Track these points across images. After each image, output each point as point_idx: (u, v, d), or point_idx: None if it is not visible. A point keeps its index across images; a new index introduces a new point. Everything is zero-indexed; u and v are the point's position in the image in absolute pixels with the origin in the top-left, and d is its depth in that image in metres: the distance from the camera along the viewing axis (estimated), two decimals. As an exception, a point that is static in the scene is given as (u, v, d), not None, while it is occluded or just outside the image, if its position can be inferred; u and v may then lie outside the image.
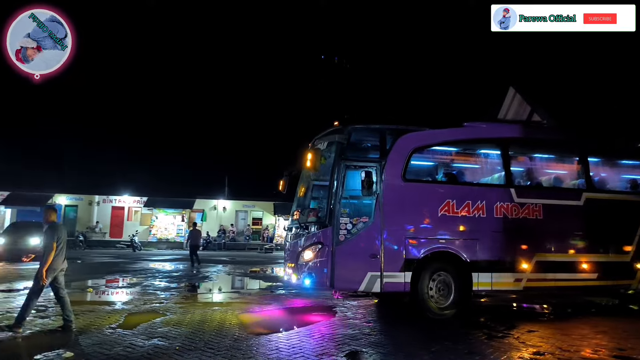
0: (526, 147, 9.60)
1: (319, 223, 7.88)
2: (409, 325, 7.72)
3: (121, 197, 35.24)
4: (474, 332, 7.05)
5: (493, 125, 9.60)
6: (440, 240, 8.14)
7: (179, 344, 5.91)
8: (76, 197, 34.77)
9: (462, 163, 9.44)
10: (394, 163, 8.03)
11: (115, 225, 34.89)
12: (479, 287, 8.15)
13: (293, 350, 5.67)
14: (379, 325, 7.58)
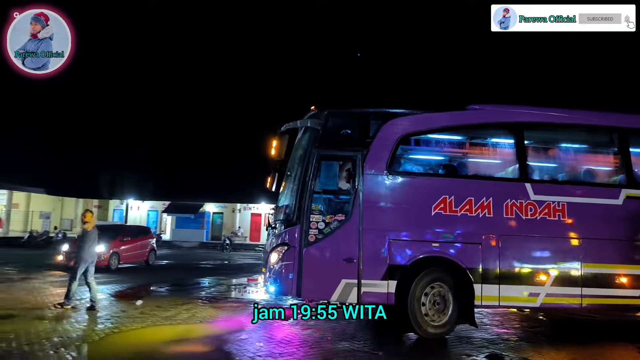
0: (547, 134, 8.03)
1: (286, 221, 6.89)
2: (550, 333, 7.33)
3: (258, 205, 38.05)
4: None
5: (505, 107, 7.78)
6: (433, 244, 6.86)
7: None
8: (222, 205, 38.93)
9: (463, 153, 7.95)
10: (377, 152, 6.88)
11: (254, 230, 38.01)
12: (483, 302, 6.75)
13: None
14: (519, 332, 7.40)
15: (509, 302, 6.98)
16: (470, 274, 6.69)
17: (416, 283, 6.65)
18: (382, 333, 7.28)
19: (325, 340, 6.54)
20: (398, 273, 6.61)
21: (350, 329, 7.25)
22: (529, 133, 7.50)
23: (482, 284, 6.69)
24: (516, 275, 6.86)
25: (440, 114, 7.37)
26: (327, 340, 6.54)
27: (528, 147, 7.41)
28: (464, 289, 6.73)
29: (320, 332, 6.98)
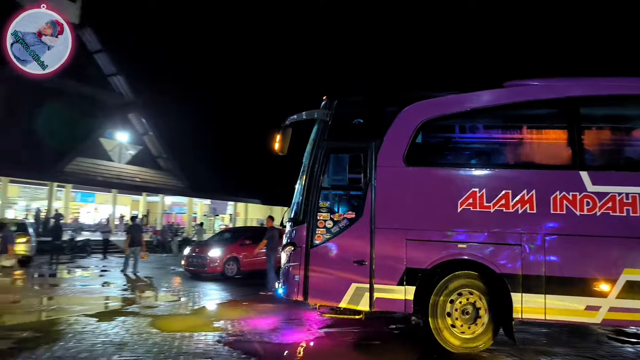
0: (611, 110, 6.57)
1: (293, 220, 6.39)
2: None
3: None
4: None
5: (553, 81, 6.48)
6: (459, 244, 5.94)
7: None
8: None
9: (497, 139, 6.85)
10: (393, 142, 6.16)
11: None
12: (523, 315, 5.70)
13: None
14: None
15: (558, 316, 5.73)
16: (506, 280, 5.73)
17: (440, 288, 5.88)
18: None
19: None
20: (417, 277, 5.85)
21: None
22: (587, 110, 6.20)
23: (522, 292, 5.68)
24: (568, 283, 5.67)
25: (469, 95, 6.33)
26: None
27: (584, 128, 6.16)
28: (500, 297, 5.79)
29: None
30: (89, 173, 27.38)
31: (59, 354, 5.14)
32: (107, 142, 29.43)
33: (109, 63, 29.94)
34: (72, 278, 13.04)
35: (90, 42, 30.09)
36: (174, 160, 32.52)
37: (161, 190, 32.41)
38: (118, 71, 30.14)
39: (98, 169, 28.23)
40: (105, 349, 5.44)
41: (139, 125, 31.56)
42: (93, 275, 13.33)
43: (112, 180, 28.75)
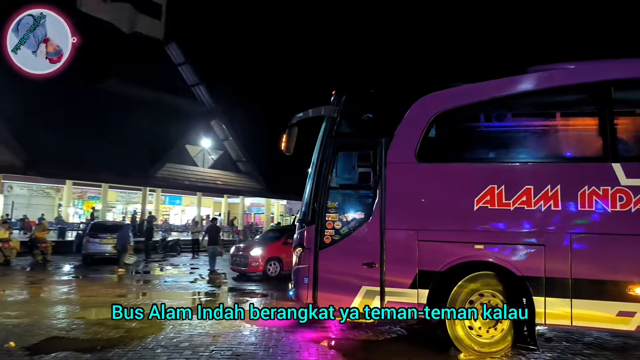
0: None
1: (302, 221, 6.17)
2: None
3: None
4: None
5: (584, 64, 5.82)
6: (475, 245, 5.50)
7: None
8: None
9: (517, 130, 6.27)
10: (404, 137, 5.80)
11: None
12: (547, 320, 5.24)
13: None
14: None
15: (587, 323, 5.18)
16: (528, 283, 5.27)
17: (457, 290, 5.50)
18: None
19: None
20: (430, 280, 5.50)
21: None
22: (620, 94, 5.53)
23: (546, 297, 5.22)
24: (598, 287, 5.14)
25: (488, 83, 5.86)
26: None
27: (617, 114, 5.51)
28: (522, 301, 5.35)
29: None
30: (177, 178, 29.47)
31: (164, 343, 5.70)
32: (192, 148, 31.50)
33: (192, 74, 32.04)
34: (165, 275, 14.18)
35: (174, 55, 32.40)
36: (252, 163, 34.00)
37: (241, 192, 34.05)
38: (200, 81, 32.15)
39: (185, 173, 30.29)
40: (202, 340, 5.93)
41: (220, 131, 33.36)
42: (183, 272, 14.37)
43: (197, 183, 30.69)
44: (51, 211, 26.99)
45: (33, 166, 20.47)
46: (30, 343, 5.56)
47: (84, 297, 9.20)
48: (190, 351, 5.42)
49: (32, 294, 9.95)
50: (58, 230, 21.44)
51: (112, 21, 31.18)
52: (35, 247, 15.08)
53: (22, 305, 8.06)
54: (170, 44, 32.49)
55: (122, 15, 31.79)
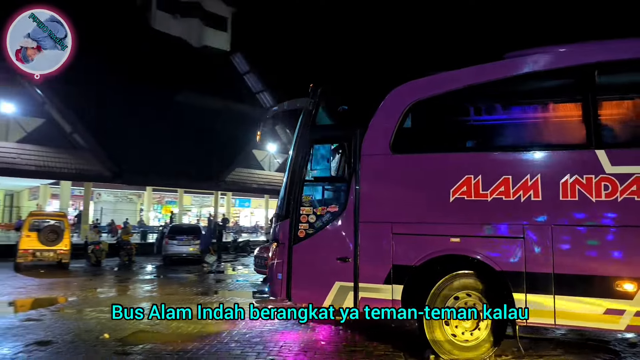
0: (634, 78, 5.29)
1: (277, 215, 6.07)
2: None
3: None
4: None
5: (563, 48, 5.39)
6: (452, 238, 5.19)
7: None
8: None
9: (495, 118, 5.90)
10: (378, 128, 5.60)
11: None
12: (529, 318, 4.86)
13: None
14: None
15: (572, 321, 4.81)
16: (507, 279, 4.91)
17: (435, 292, 5.16)
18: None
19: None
20: (404, 275, 5.23)
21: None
22: (605, 78, 5.11)
23: (527, 293, 4.85)
24: (583, 283, 4.74)
25: (464, 71, 5.57)
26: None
27: (601, 99, 5.13)
28: (503, 299, 4.96)
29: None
30: (246, 181, 30.69)
31: (237, 338, 6.11)
32: (258, 153, 32.64)
33: (256, 82, 33.28)
34: (237, 274, 14.88)
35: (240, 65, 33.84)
36: (316, 166, 34.48)
37: (306, 194, 34.66)
38: (264, 88, 33.29)
39: (252, 177, 31.47)
40: (271, 335, 6.27)
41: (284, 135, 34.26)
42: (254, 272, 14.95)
43: (265, 186, 31.74)
44: (134, 215, 29.26)
45: (119, 175, 22.34)
46: (121, 336, 6.16)
47: (165, 294, 9.97)
48: (261, 346, 5.74)
49: (121, 291, 10.94)
50: (140, 233, 23.23)
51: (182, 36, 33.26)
52: (121, 249, 16.48)
53: (112, 301, 8.91)
54: (236, 54, 33.96)
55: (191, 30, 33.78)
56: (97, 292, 10.37)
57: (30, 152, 20.02)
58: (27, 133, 20.27)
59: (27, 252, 13.56)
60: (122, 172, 22.55)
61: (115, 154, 22.14)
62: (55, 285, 11.07)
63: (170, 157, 24.05)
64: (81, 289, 10.49)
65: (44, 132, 20.63)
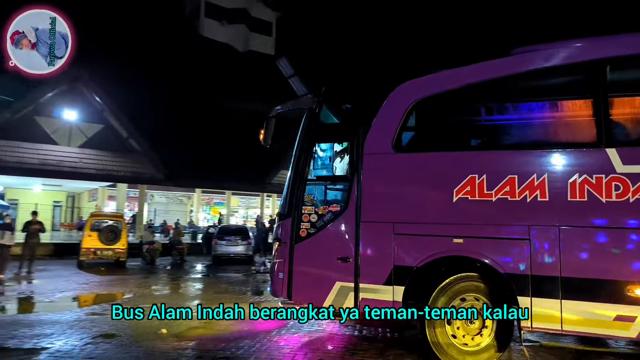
0: None
1: (280, 214, 6.09)
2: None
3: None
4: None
5: (573, 43, 5.17)
6: (454, 239, 5.05)
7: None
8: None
9: (501, 116, 5.70)
10: (380, 127, 5.53)
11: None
12: (534, 323, 4.66)
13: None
14: None
15: (580, 327, 4.58)
16: (512, 282, 4.73)
17: (437, 294, 5.03)
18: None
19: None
20: (406, 276, 5.11)
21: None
22: (616, 74, 4.85)
23: (532, 297, 4.66)
24: (592, 287, 4.51)
25: (469, 68, 5.43)
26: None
27: (613, 96, 4.88)
28: (508, 303, 4.79)
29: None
30: (290, 183, 31.10)
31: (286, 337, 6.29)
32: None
33: (300, 85, 33.70)
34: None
35: (284, 68, 34.41)
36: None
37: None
38: (308, 91, 33.64)
39: (296, 179, 31.85)
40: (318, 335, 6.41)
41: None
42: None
43: (308, 188, 32.08)
44: (184, 216, 30.41)
45: (170, 178, 23.33)
46: (177, 331, 6.49)
47: (216, 293, 10.35)
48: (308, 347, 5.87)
49: (173, 289, 11.46)
50: (191, 234, 24.13)
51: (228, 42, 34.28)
52: (174, 248, 17.23)
53: (167, 298, 9.38)
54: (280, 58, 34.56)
55: (237, 35, 34.75)
56: (153, 290, 10.92)
57: (91, 156, 21.30)
58: (87, 138, 21.57)
59: (88, 251, 14.47)
60: (174, 174, 23.53)
61: (167, 157, 23.13)
62: (114, 282, 11.77)
63: (218, 160, 24.84)
64: (138, 286, 11.09)
65: (102, 137, 21.88)
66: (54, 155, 20.29)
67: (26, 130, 19.89)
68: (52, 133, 20.63)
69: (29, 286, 10.88)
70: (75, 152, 21.07)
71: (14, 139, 19.53)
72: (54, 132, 20.68)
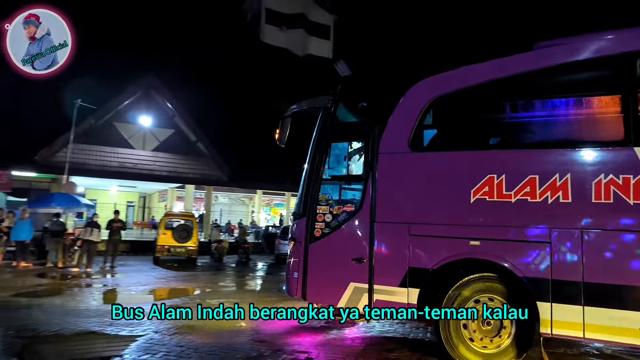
0: None
1: (295, 214, 6.06)
2: None
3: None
4: None
5: (598, 36, 4.83)
6: (471, 241, 4.88)
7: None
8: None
9: (520, 113, 5.42)
10: (396, 125, 5.41)
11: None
12: (554, 330, 4.46)
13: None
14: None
15: (603, 335, 4.32)
16: (531, 286, 4.53)
17: (452, 295, 4.87)
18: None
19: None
20: (421, 279, 4.99)
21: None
22: None
23: (552, 302, 4.44)
24: (617, 293, 4.25)
25: (487, 64, 5.18)
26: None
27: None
28: (527, 305, 4.59)
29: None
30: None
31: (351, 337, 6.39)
32: (360, 157, 33.18)
33: (358, 86, 33.83)
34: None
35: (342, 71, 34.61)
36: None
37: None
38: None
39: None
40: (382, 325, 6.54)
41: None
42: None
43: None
44: (246, 217, 31.52)
45: (234, 179, 24.37)
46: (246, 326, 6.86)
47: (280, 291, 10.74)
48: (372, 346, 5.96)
49: (240, 286, 12.02)
50: (254, 234, 25.01)
51: (288, 47, 35.16)
52: (239, 247, 17.99)
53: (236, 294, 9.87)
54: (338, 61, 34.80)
55: (296, 40, 35.54)
56: (221, 285, 11.54)
57: (163, 159, 22.73)
58: (159, 142, 23.03)
59: (163, 248, 15.49)
60: (237, 176, 24.53)
61: (232, 160, 24.17)
62: (188, 278, 12.55)
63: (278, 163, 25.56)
64: (210, 282, 11.76)
65: (173, 141, 23.28)
66: (131, 158, 21.87)
67: (107, 135, 21.61)
68: (129, 138, 22.25)
69: (115, 279, 11.85)
70: (149, 155, 22.57)
71: (96, 144, 21.29)
72: (130, 136, 22.30)
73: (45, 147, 19.86)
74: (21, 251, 12.75)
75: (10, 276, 11.16)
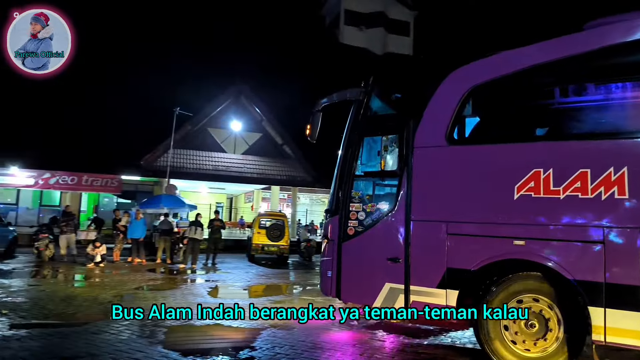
0: None
1: (328, 211, 5.83)
2: None
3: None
4: None
5: None
6: (515, 241, 4.51)
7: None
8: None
9: (569, 100, 4.85)
10: (432, 118, 5.06)
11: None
12: (608, 337, 4.03)
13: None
14: None
15: None
16: (582, 290, 4.14)
17: (491, 297, 4.60)
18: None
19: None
20: (460, 280, 4.73)
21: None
22: None
23: (606, 307, 4.04)
24: None
25: (532, 47, 4.69)
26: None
27: None
28: (572, 311, 4.25)
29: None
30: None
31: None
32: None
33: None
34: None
35: (423, 68, 33.91)
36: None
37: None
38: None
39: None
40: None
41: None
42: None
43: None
44: (328, 217, 31.97)
45: (318, 180, 24.82)
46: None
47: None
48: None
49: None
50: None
51: (367, 47, 35.10)
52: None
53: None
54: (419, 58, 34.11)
55: (375, 39, 35.40)
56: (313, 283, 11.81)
57: (252, 162, 23.79)
58: (249, 146, 24.14)
59: (258, 246, 16.21)
60: (320, 177, 24.97)
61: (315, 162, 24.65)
62: (282, 275, 13.07)
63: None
64: (304, 279, 12.15)
65: (261, 144, 24.29)
66: (223, 161, 23.15)
67: (201, 140, 23.08)
68: (221, 142, 23.59)
69: (219, 275, 12.61)
70: (239, 158, 23.75)
71: (192, 148, 22.81)
72: (222, 141, 23.62)
73: (149, 153, 21.63)
74: (136, 248, 14.00)
75: (128, 271, 12.31)
